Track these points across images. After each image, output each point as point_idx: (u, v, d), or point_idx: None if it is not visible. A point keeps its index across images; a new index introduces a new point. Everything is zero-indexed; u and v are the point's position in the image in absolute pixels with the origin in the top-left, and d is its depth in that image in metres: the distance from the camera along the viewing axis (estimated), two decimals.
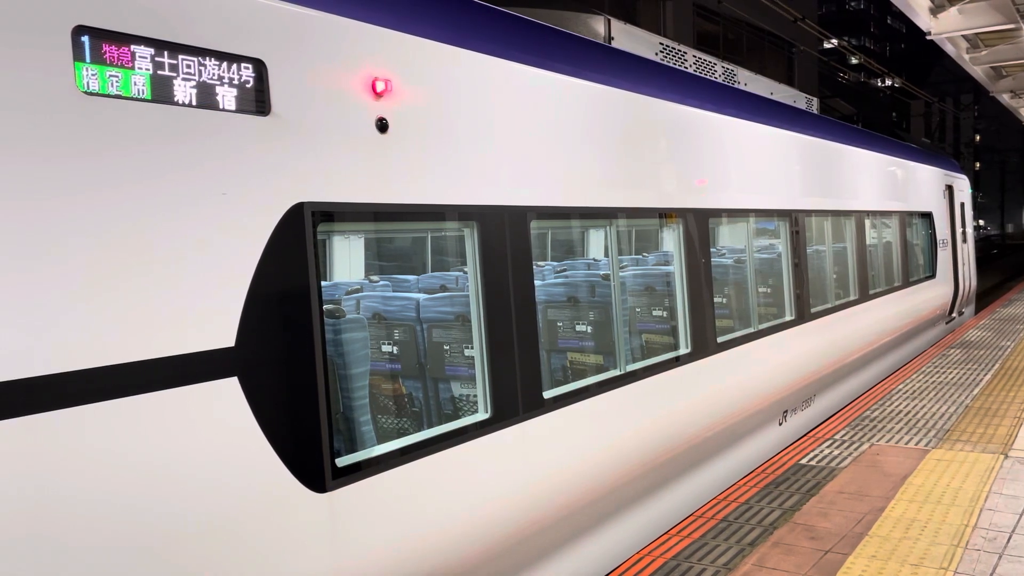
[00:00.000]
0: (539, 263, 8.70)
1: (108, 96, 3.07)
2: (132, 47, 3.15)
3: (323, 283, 6.99)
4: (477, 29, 4.92)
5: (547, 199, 5.27)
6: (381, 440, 4.38)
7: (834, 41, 23.66)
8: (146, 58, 3.19)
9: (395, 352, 5.83)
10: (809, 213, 9.57)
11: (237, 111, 3.50)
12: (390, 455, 4.10)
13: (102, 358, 3.00)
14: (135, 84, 3.16)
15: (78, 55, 2.99)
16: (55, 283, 2.90)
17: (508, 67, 5.06)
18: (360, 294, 6.19)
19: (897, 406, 9.24)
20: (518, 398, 4.88)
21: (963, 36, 14.91)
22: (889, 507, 6.03)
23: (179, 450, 3.21)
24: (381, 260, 8.28)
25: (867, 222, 11.82)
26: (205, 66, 3.39)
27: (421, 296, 5.75)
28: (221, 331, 3.37)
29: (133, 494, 3.07)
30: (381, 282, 7.30)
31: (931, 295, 15.00)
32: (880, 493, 6.35)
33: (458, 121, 4.63)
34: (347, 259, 7.70)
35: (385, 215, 4.19)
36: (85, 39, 3.01)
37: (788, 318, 8.89)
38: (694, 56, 8.49)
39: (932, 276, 15.26)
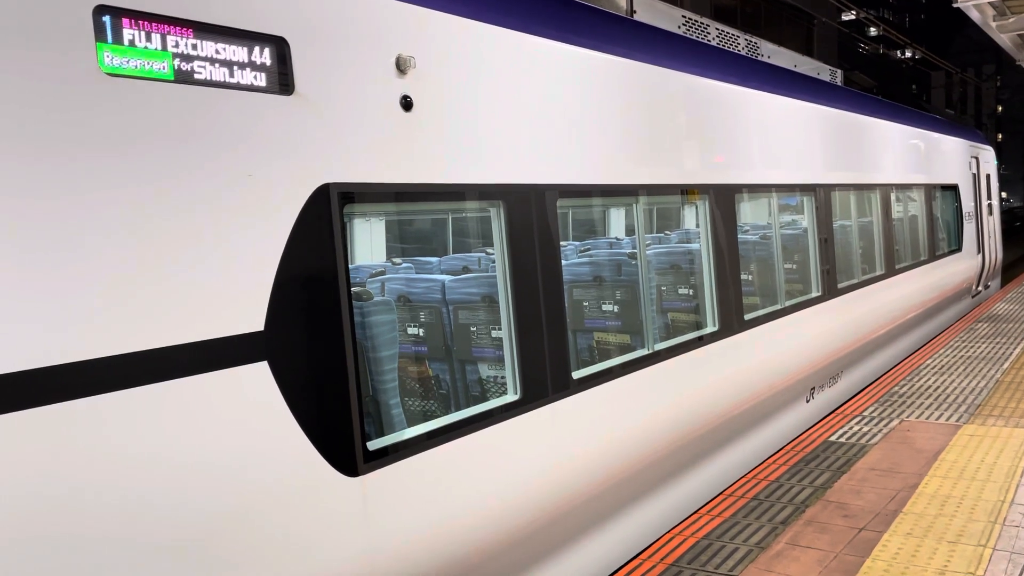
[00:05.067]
0: (563, 242, 8.62)
1: (130, 76, 3.02)
2: (153, 26, 3.09)
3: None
4: (501, 4, 4.83)
5: (573, 177, 5.20)
6: (411, 423, 4.34)
7: (853, 13, 23.28)
8: (167, 37, 3.14)
9: (421, 334, 5.79)
10: (834, 187, 9.43)
11: (260, 91, 3.44)
12: (421, 438, 4.06)
13: (130, 344, 2.97)
14: (157, 64, 3.11)
15: (100, 35, 2.94)
16: (80, 269, 2.86)
17: (532, 42, 4.97)
18: (385, 276, 6.14)
19: (926, 381, 9.12)
20: (547, 379, 4.83)
21: (990, 3, 14.59)
22: (923, 484, 5.95)
23: (210, 435, 3.19)
24: (404, 242, 8.22)
25: (892, 195, 11.64)
26: (227, 45, 3.33)
27: (447, 278, 5.70)
28: (250, 315, 3.33)
29: (164, 480, 3.05)
30: (404, 264, 7.25)
31: (957, 269, 14.81)
32: (913, 470, 6.27)
33: (483, 98, 4.55)
34: (372, 240, 7.65)
35: (411, 195, 4.13)
36: (107, 19, 2.96)
37: (814, 294, 8.78)
38: (717, 29, 8.35)
39: (958, 249, 15.05)
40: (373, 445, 3.84)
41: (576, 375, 5.10)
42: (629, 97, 5.82)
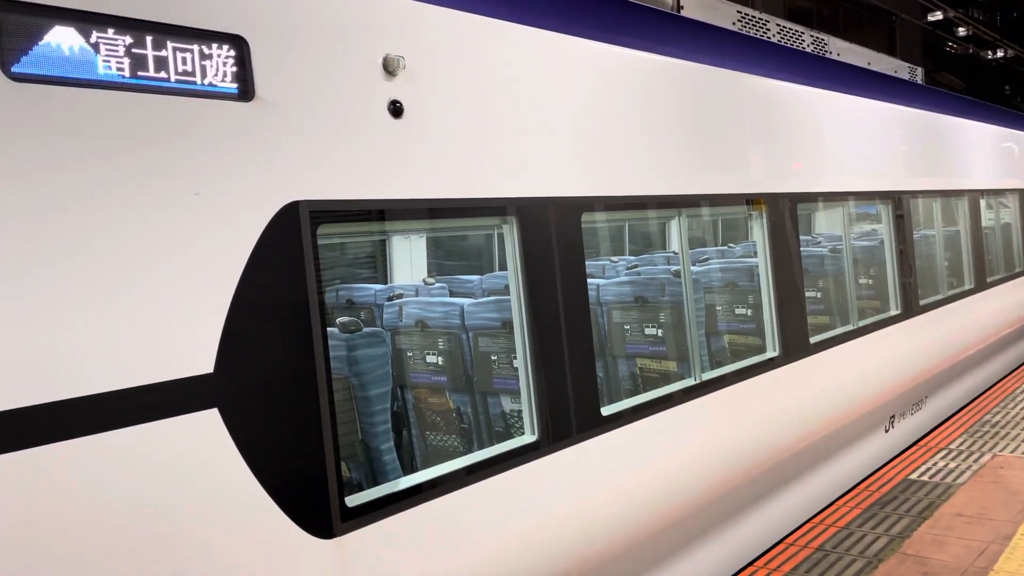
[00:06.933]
0: (613, 258, 8.04)
1: (45, 82, 2.60)
2: (74, 23, 2.67)
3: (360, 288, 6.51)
4: None
5: (602, 188, 4.63)
6: (406, 471, 3.83)
7: (939, 14, 22.12)
8: (93, 35, 2.71)
9: (440, 363, 5.28)
10: (915, 194, 8.59)
11: (211, 96, 3.00)
12: (415, 489, 3.55)
13: (50, 392, 2.54)
14: (80, 69, 2.68)
15: (4, 35, 2.53)
16: None
17: (551, 39, 4.43)
18: (403, 299, 5.67)
19: (1023, 409, 8.20)
20: (570, 416, 4.26)
21: None
22: (1018, 534, 5.17)
23: (147, 496, 2.73)
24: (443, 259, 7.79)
25: (982, 202, 10.69)
26: (171, 45, 2.90)
27: (467, 301, 5.19)
28: (196, 355, 2.88)
29: (95, 549, 2.61)
30: (438, 284, 6.79)
31: None
32: (1006, 516, 5.47)
33: (489, 102, 4.03)
34: (413, 259, 7.22)
35: (401, 212, 3.64)
36: (10, 15, 2.55)
37: (893, 312, 7.97)
38: (778, 25, 7.66)
39: None
40: (353, 501, 3.34)
41: (606, 411, 4.51)
42: (667, 98, 5.23)
